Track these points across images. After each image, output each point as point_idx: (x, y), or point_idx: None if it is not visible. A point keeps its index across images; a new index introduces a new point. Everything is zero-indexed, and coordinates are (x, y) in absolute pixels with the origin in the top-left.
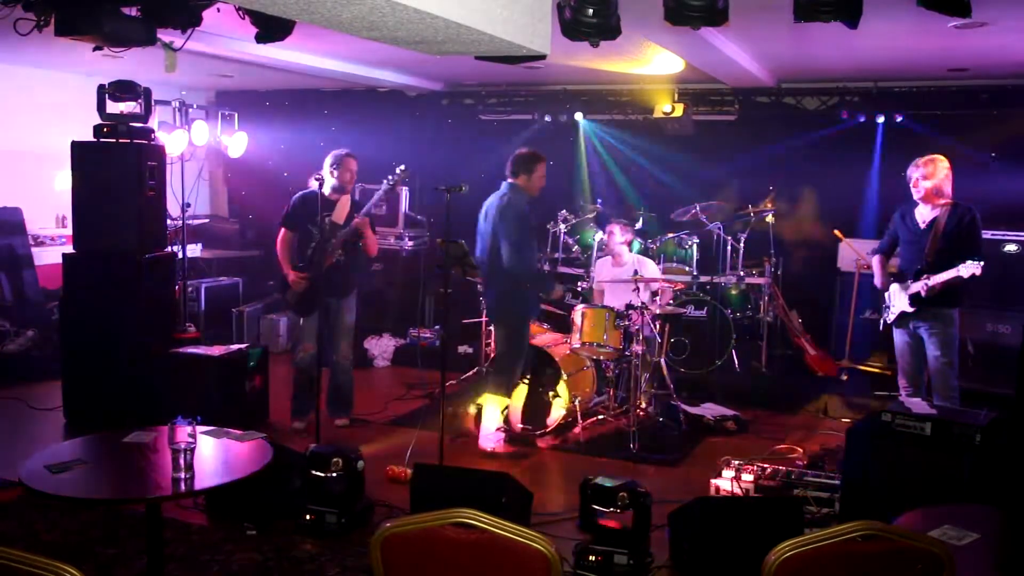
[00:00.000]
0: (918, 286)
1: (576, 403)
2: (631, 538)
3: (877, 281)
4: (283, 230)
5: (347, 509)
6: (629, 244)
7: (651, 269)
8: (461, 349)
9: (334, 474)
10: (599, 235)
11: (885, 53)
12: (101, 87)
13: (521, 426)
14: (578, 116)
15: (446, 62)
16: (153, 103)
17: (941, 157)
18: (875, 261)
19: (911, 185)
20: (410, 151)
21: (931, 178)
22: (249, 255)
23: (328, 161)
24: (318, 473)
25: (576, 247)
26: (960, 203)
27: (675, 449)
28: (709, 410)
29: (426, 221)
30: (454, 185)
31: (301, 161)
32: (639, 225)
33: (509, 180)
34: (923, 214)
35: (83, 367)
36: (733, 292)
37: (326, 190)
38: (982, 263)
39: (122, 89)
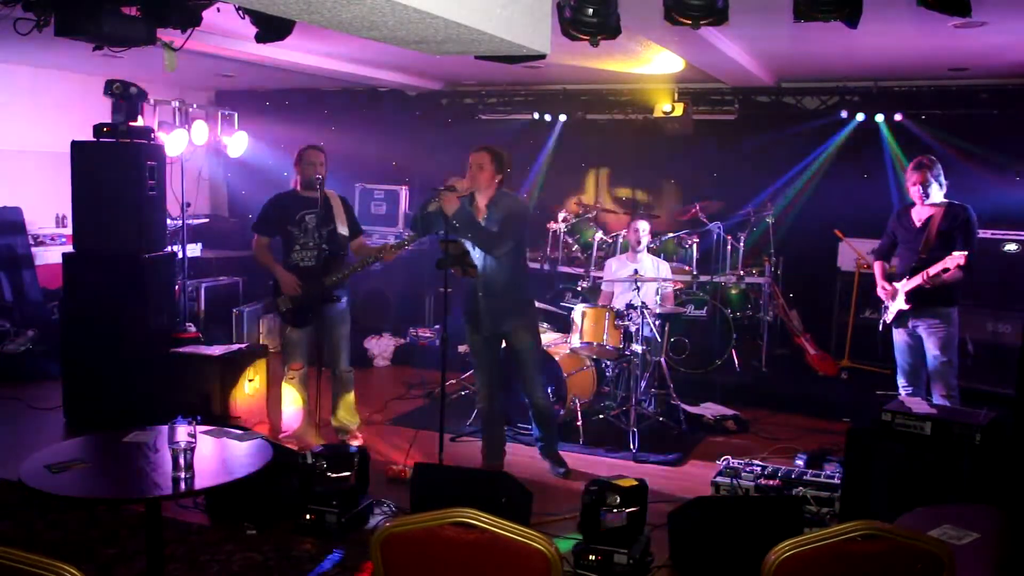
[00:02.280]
0: (914, 281)
1: (576, 403)
2: (632, 534)
3: (878, 289)
4: (256, 236)
5: (347, 509)
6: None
7: (666, 272)
8: (461, 349)
9: (347, 472)
10: (599, 234)
11: (885, 53)
12: (108, 86)
13: (520, 424)
14: (578, 116)
15: (446, 62)
16: (152, 103)
17: (931, 157)
18: (876, 267)
19: (911, 186)
20: (410, 151)
21: (923, 181)
22: (249, 255)
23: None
24: (334, 474)
25: (576, 246)
26: (955, 202)
27: (675, 449)
28: (709, 410)
29: None
30: (453, 185)
31: None
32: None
33: None
34: (919, 213)
35: (83, 367)
36: (733, 292)
37: (299, 188)
38: (966, 253)
39: (115, 89)
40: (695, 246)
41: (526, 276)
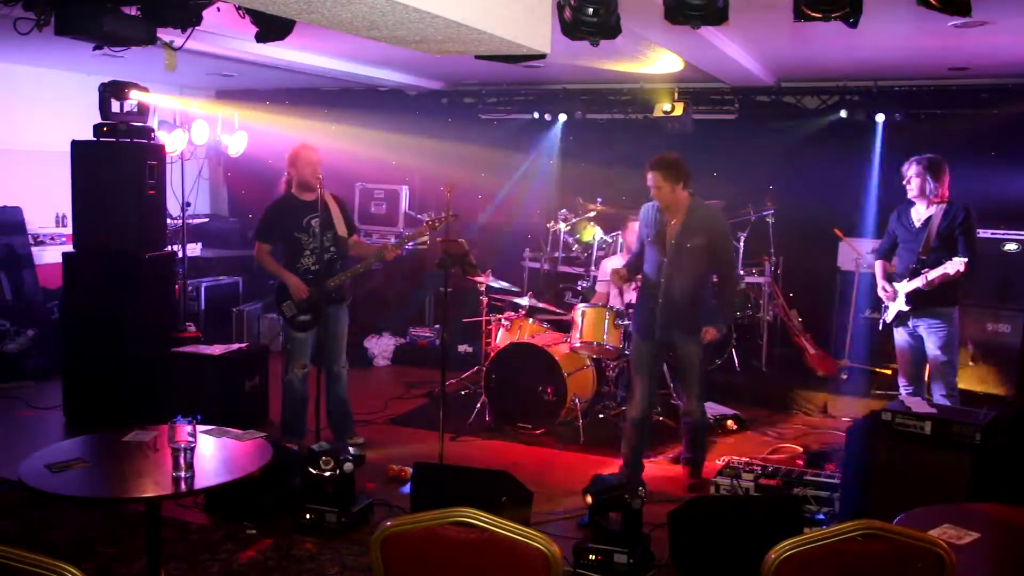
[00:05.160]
0: (914, 283)
1: (576, 402)
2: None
3: (879, 289)
4: (258, 244)
5: (347, 508)
6: None
7: None
8: (461, 348)
9: (327, 473)
10: (599, 234)
11: (885, 52)
12: (102, 87)
13: (520, 424)
14: (577, 116)
15: (446, 61)
16: (151, 103)
17: (937, 156)
18: (877, 266)
19: (905, 183)
20: (410, 151)
21: (923, 176)
22: (249, 255)
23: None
24: (313, 471)
25: (576, 246)
26: (955, 201)
27: (675, 449)
28: (709, 409)
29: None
30: (454, 184)
31: None
32: None
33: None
34: (919, 213)
35: (83, 366)
36: None
37: (296, 191)
38: (966, 259)
39: (116, 90)
40: None
41: (709, 292)
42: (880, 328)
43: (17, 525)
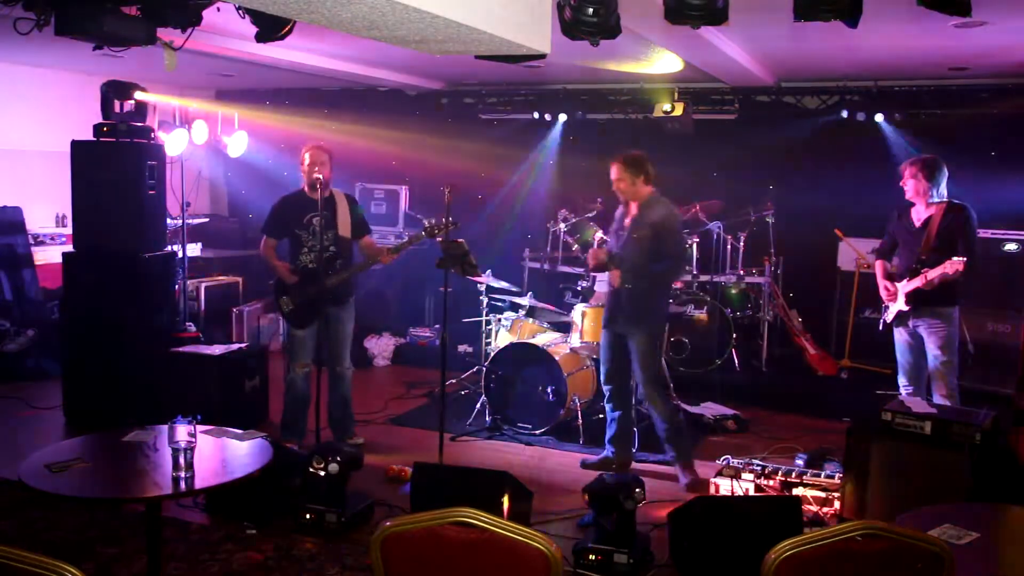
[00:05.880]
0: (914, 283)
1: (576, 402)
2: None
3: (880, 289)
4: (264, 238)
5: (347, 509)
6: None
7: None
8: (461, 348)
9: (321, 473)
10: (599, 234)
11: (885, 52)
12: (104, 87)
13: (520, 424)
14: (578, 116)
15: (446, 61)
16: (151, 103)
17: (934, 157)
18: (877, 266)
19: (903, 183)
20: (410, 150)
21: (917, 177)
22: (249, 255)
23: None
24: (310, 469)
25: (576, 246)
26: (955, 201)
27: None
28: (709, 409)
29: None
30: (454, 185)
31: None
32: None
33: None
34: (918, 213)
35: (83, 366)
36: (733, 291)
37: (307, 189)
38: (965, 259)
39: (118, 90)
40: (695, 246)
41: (659, 288)
42: (880, 328)
43: (17, 525)
